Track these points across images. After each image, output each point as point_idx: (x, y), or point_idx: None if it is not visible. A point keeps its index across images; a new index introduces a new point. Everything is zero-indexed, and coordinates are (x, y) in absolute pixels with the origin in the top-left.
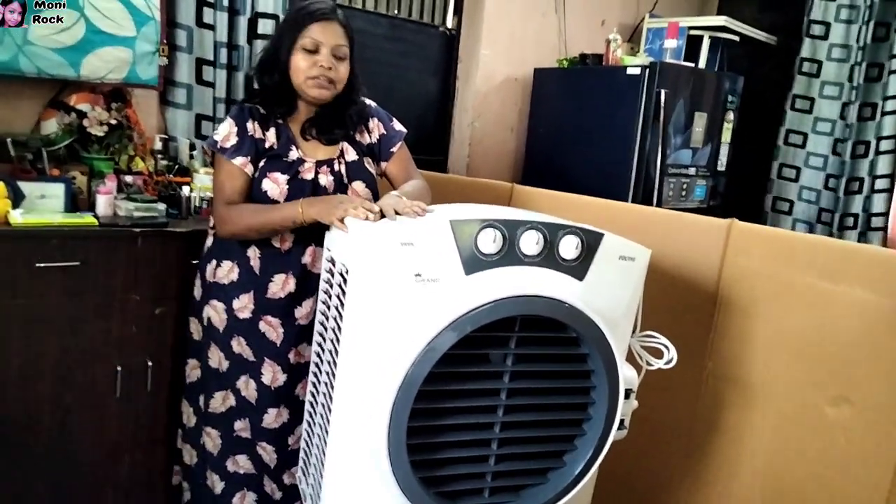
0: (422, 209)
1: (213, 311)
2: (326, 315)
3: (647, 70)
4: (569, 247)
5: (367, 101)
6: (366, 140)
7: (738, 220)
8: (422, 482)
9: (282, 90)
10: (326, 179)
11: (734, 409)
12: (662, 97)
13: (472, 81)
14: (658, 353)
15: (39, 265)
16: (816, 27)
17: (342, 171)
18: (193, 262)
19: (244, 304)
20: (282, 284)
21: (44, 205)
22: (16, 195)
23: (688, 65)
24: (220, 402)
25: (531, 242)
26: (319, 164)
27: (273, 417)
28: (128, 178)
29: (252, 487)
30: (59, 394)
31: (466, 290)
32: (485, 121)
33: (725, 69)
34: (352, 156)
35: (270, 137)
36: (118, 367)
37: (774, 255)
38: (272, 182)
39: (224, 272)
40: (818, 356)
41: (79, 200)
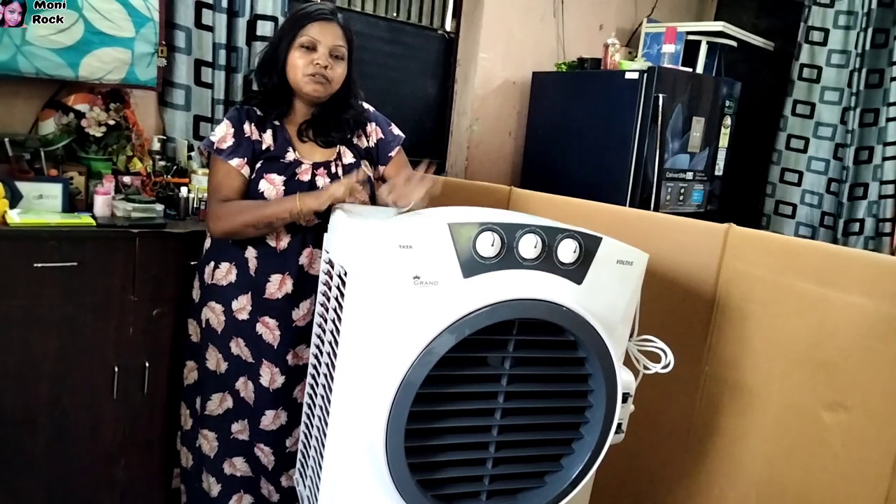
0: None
1: (212, 313)
2: (325, 317)
3: (646, 75)
4: (567, 250)
5: (366, 106)
6: (363, 144)
7: (736, 225)
8: (419, 485)
9: (280, 91)
10: (323, 181)
11: (731, 414)
12: (660, 102)
13: (471, 85)
14: (656, 357)
15: (37, 265)
16: (815, 33)
17: (339, 174)
18: (191, 264)
19: (242, 306)
20: (279, 285)
21: (41, 205)
22: (13, 195)
23: (686, 70)
24: (217, 405)
25: (529, 246)
26: (316, 167)
27: (271, 419)
28: (126, 179)
29: (249, 490)
30: (56, 394)
31: (465, 294)
32: (483, 124)
33: (723, 74)
34: (349, 159)
35: (267, 139)
36: (115, 368)
37: (772, 260)
38: (269, 183)
39: (222, 273)
40: (815, 361)
41: (76, 201)
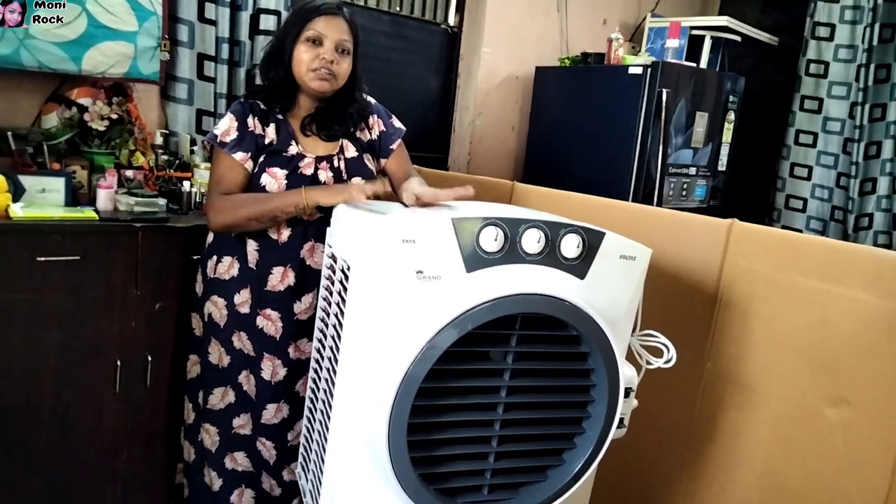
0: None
1: (214, 307)
2: (327, 311)
3: (649, 69)
4: (570, 245)
5: (368, 98)
6: (366, 137)
7: (739, 221)
8: (421, 479)
9: (285, 84)
10: (326, 175)
11: (733, 409)
12: (664, 97)
13: (474, 79)
14: (658, 353)
15: (40, 259)
16: (821, 29)
17: (341, 168)
18: (194, 258)
19: (244, 299)
20: (281, 277)
21: (44, 199)
22: (16, 189)
23: (689, 65)
24: (219, 399)
25: (533, 241)
26: (319, 160)
27: (273, 413)
28: (128, 173)
29: (250, 484)
30: (59, 388)
31: (468, 288)
32: (486, 119)
33: (727, 69)
34: (351, 152)
35: (270, 133)
36: (118, 362)
37: (775, 256)
38: (271, 177)
39: (224, 267)
40: (817, 357)
41: (79, 195)
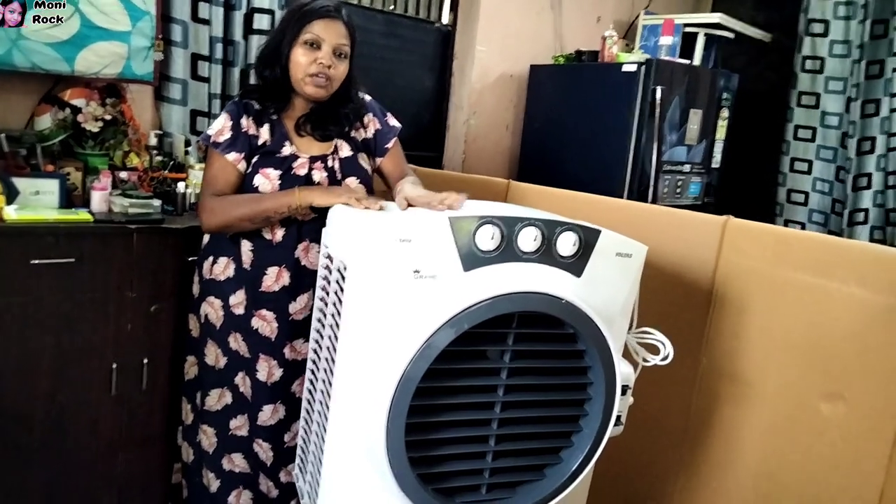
0: (457, 202)
1: (210, 308)
2: (324, 311)
3: (643, 67)
4: (566, 243)
5: (364, 96)
6: (361, 136)
7: (734, 217)
8: (419, 478)
9: (280, 84)
10: (320, 175)
11: (729, 405)
12: (658, 94)
13: (468, 78)
14: (654, 350)
15: (34, 262)
16: (815, 25)
17: (336, 167)
18: (189, 259)
19: (240, 300)
20: (275, 277)
21: (38, 201)
22: (10, 191)
23: (683, 62)
24: (216, 400)
25: (529, 239)
26: (313, 160)
27: (269, 414)
28: (122, 175)
29: (248, 486)
30: (54, 391)
31: (465, 287)
32: (480, 117)
33: (720, 66)
34: (346, 152)
35: (264, 134)
36: (113, 365)
37: (769, 252)
38: (264, 177)
39: (220, 268)
40: (812, 353)
41: (73, 196)
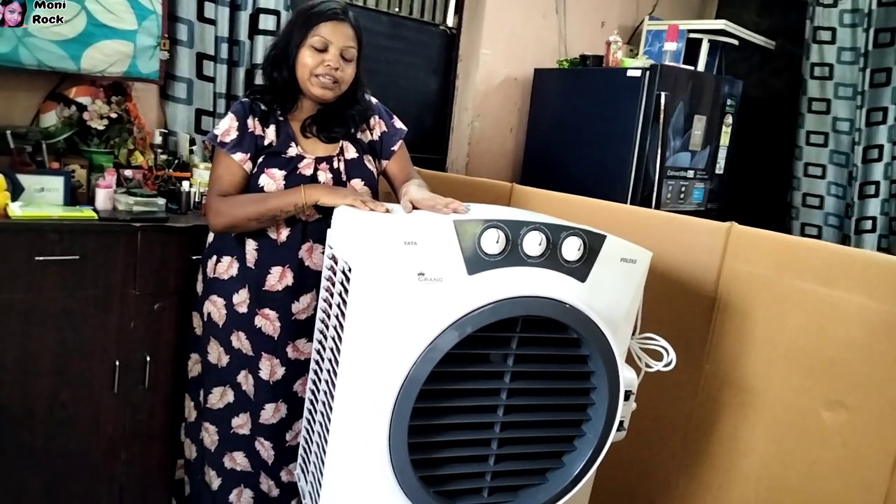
0: (461, 207)
1: (213, 307)
2: (328, 313)
3: (648, 72)
4: (571, 248)
5: (370, 98)
6: (367, 138)
7: (738, 224)
8: (422, 481)
9: (288, 86)
10: (325, 176)
11: (731, 412)
12: (662, 100)
13: (472, 81)
14: (657, 356)
15: (38, 259)
16: (822, 33)
17: (341, 169)
18: (193, 258)
19: (243, 299)
20: (279, 277)
21: (43, 198)
22: (15, 188)
23: (687, 68)
24: (218, 398)
25: (534, 243)
26: (319, 161)
27: (271, 413)
28: (127, 173)
29: (249, 484)
30: (57, 388)
31: (469, 290)
32: (484, 120)
33: (724, 73)
34: (351, 153)
35: (270, 134)
36: (116, 362)
37: (773, 259)
38: (269, 178)
39: (224, 267)
40: (815, 360)
41: (78, 194)
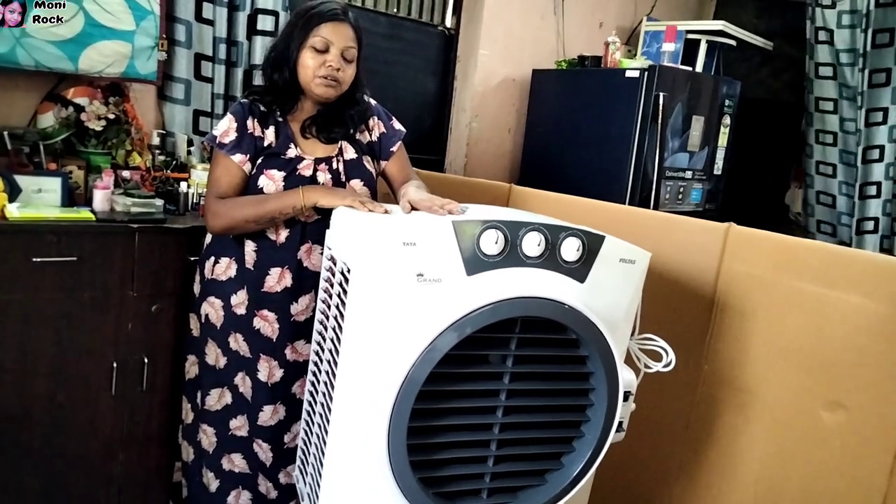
0: (457, 208)
1: (211, 308)
2: (326, 314)
3: (646, 73)
4: (570, 249)
5: (369, 100)
6: (366, 139)
7: (736, 224)
8: (421, 482)
9: (289, 87)
10: (324, 177)
11: (730, 413)
12: (661, 100)
13: (471, 81)
14: (656, 356)
15: (35, 260)
16: (823, 33)
17: (340, 169)
18: (191, 259)
19: (241, 300)
20: (278, 278)
21: (40, 199)
22: (12, 189)
23: (686, 68)
24: (216, 400)
25: (533, 244)
26: (318, 162)
27: (269, 414)
28: (125, 174)
29: (247, 486)
30: (54, 390)
31: (468, 291)
32: (483, 121)
33: (722, 73)
34: (350, 154)
35: (269, 136)
36: (114, 364)
37: (771, 260)
38: (268, 179)
39: (222, 268)
40: (814, 361)
41: (75, 195)
